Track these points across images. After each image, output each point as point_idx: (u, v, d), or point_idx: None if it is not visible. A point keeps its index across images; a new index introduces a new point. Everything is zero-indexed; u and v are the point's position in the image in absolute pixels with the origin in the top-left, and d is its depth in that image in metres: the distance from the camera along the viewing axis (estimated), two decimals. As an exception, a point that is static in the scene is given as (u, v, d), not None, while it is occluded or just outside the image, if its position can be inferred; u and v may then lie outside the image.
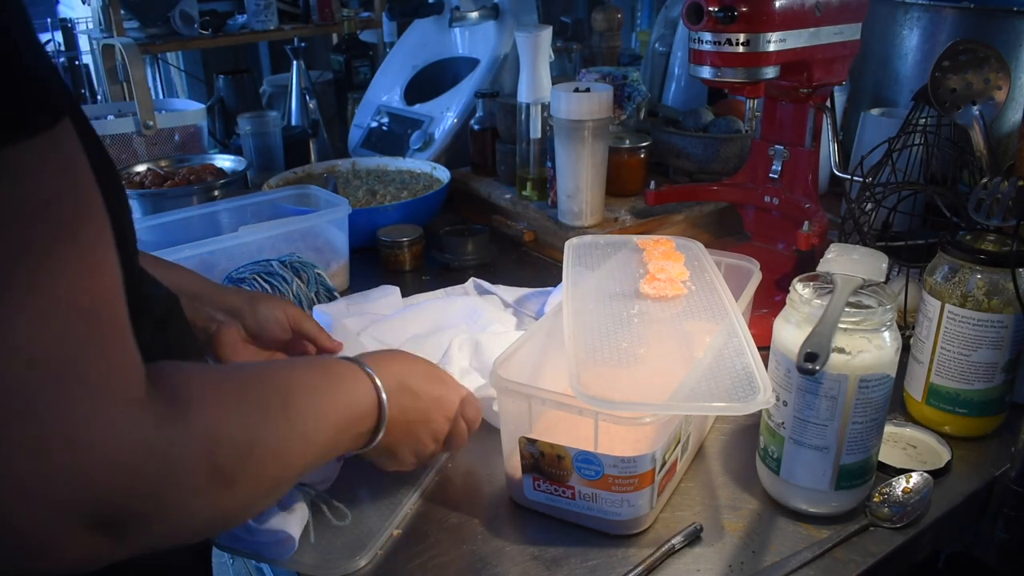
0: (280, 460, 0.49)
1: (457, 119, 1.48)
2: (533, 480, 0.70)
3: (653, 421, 0.65)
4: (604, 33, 1.75)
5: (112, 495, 0.37)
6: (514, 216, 1.32)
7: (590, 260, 0.88)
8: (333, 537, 0.68)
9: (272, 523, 0.65)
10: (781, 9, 0.89)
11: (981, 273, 0.75)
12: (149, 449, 0.39)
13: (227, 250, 1.03)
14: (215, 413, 0.44)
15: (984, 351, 0.76)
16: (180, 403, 0.42)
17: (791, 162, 1.07)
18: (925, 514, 0.71)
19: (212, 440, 0.43)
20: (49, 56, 0.38)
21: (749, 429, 0.83)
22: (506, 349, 0.73)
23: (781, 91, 1.04)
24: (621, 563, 0.66)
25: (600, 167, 1.17)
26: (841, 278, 0.69)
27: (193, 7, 2.08)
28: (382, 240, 1.21)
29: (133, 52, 1.54)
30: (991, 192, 0.79)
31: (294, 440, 0.50)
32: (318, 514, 0.69)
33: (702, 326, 0.75)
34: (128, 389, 0.38)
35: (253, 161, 1.52)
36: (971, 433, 0.80)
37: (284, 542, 0.65)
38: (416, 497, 0.74)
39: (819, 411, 0.66)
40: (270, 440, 0.48)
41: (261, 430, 0.47)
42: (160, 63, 2.76)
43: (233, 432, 0.45)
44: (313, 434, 0.53)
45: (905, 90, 1.30)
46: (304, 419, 0.51)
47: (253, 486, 0.46)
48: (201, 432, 0.42)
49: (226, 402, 0.46)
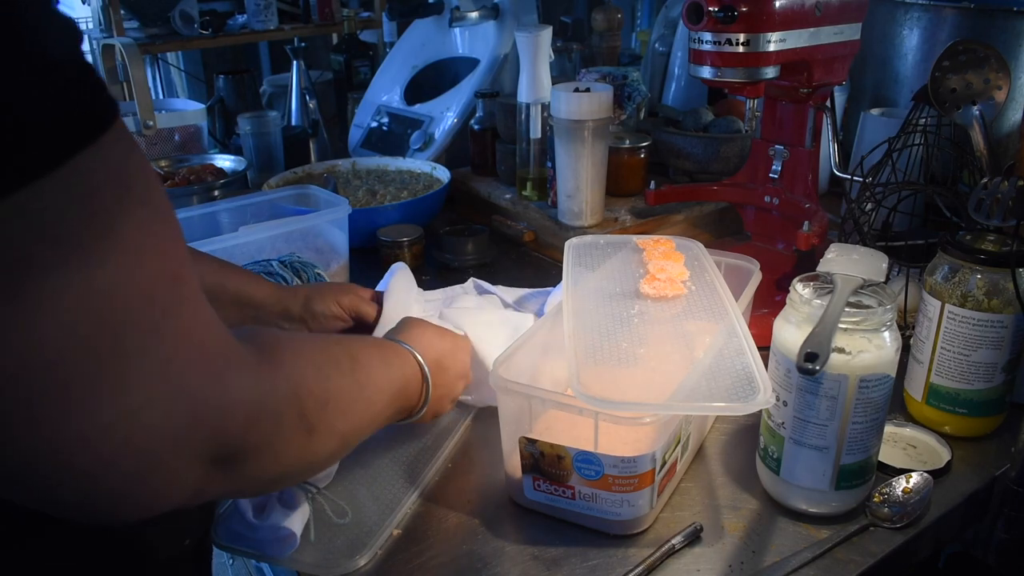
0: (348, 417, 0.55)
1: (457, 119, 1.48)
2: (533, 480, 0.70)
3: (653, 421, 0.65)
4: (604, 33, 1.75)
5: (228, 434, 0.42)
6: (514, 216, 1.32)
7: (590, 260, 0.88)
8: (333, 536, 0.68)
9: (274, 519, 0.65)
10: (781, 9, 0.89)
11: (981, 273, 0.75)
12: (251, 392, 0.44)
13: (227, 250, 1.03)
14: (300, 367, 0.50)
15: (984, 351, 0.76)
16: (270, 356, 0.47)
17: (791, 162, 1.07)
18: (925, 514, 0.71)
19: (298, 390, 0.48)
20: None
21: (749, 429, 0.83)
22: (506, 349, 0.73)
23: (781, 91, 1.04)
24: (621, 563, 0.66)
25: (600, 167, 1.17)
26: (841, 278, 0.69)
27: (193, 7, 2.08)
28: (382, 240, 1.21)
29: (133, 52, 1.54)
30: (991, 192, 0.79)
31: (361, 402, 0.57)
32: (318, 511, 0.69)
33: (702, 326, 0.75)
34: (220, 341, 0.42)
35: (253, 161, 1.52)
36: (971, 433, 0.80)
37: (286, 539, 0.66)
38: (416, 497, 0.74)
39: (819, 411, 0.66)
40: (342, 397, 0.54)
41: (337, 386, 0.53)
42: (160, 63, 2.76)
43: (313, 385, 0.50)
44: (374, 398, 0.59)
45: (905, 90, 1.30)
46: (368, 384, 0.58)
47: (327, 438, 0.52)
48: (289, 382, 0.48)
49: (307, 359, 0.51)
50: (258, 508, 0.66)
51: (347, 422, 0.54)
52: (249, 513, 0.66)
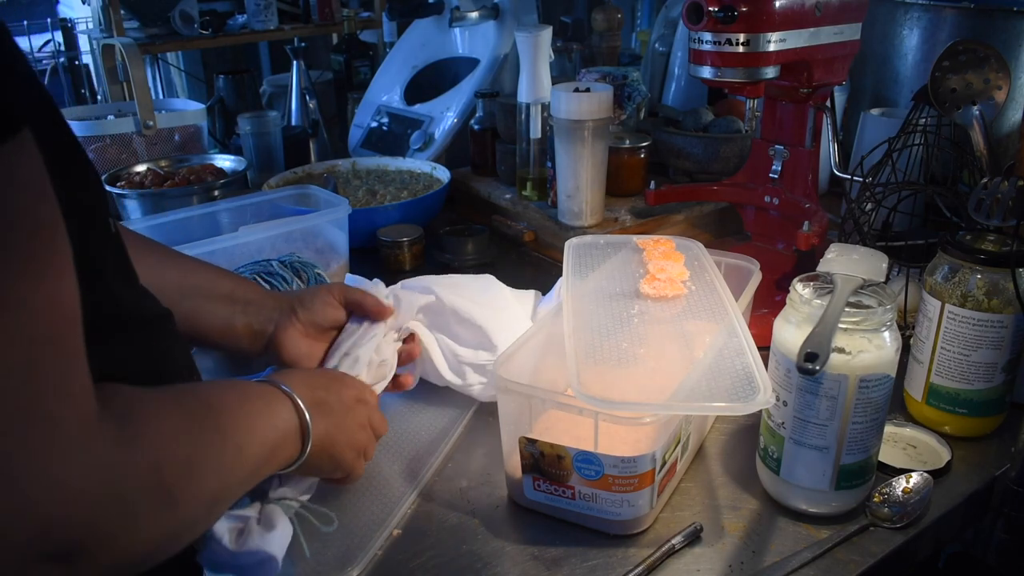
0: (218, 475, 0.49)
1: (457, 119, 1.48)
2: (533, 480, 0.70)
3: (653, 421, 0.65)
4: (604, 33, 1.75)
5: (67, 524, 0.37)
6: (514, 216, 1.32)
7: (590, 260, 0.88)
8: (329, 541, 0.68)
9: (251, 544, 0.62)
10: (781, 9, 0.89)
11: (981, 273, 0.75)
12: (102, 474, 0.39)
13: (227, 250, 1.03)
14: (160, 432, 0.44)
15: (984, 351, 0.76)
16: (128, 425, 0.42)
17: (791, 162, 1.07)
18: (925, 514, 0.71)
19: (158, 460, 0.43)
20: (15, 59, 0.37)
21: (749, 429, 0.83)
22: (506, 349, 0.73)
23: (781, 91, 1.04)
24: (621, 563, 0.66)
25: (600, 167, 1.17)
26: (841, 278, 0.69)
27: (193, 7, 2.08)
28: (382, 240, 1.22)
29: (133, 52, 1.54)
30: (991, 192, 0.79)
31: (228, 454, 0.51)
32: (305, 524, 0.67)
33: (702, 326, 0.75)
34: (81, 415, 0.38)
35: (253, 161, 1.52)
36: (971, 433, 0.80)
37: (266, 563, 0.62)
38: (416, 497, 0.74)
39: (819, 411, 0.66)
40: (208, 455, 0.48)
41: (199, 446, 0.48)
42: (160, 63, 2.76)
43: (175, 450, 0.45)
44: (246, 448, 0.53)
45: (905, 90, 1.30)
46: (236, 433, 0.52)
47: (195, 504, 0.47)
48: (149, 452, 0.42)
49: (167, 421, 0.46)
50: (236, 532, 0.63)
51: (217, 481, 0.49)
52: (225, 539, 0.62)
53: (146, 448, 0.42)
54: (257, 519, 0.64)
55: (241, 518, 0.63)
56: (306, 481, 0.69)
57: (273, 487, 0.66)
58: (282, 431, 0.59)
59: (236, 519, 0.63)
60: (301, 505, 0.67)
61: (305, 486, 0.69)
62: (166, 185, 1.37)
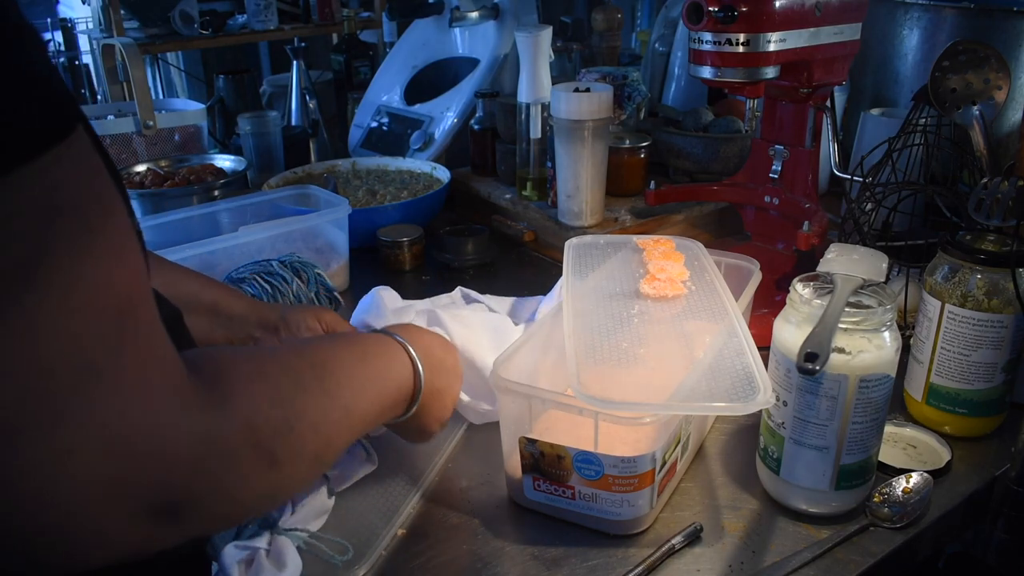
0: (321, 434, 0.50)
1: (457, 119, 1.48)
2: (533, 480, 0.70)
3: (653, 421, 0.65)
4: (604, 33, 1.75)
5: (166, 485, 0.38)
6: (514, 216, 1.32)
7: (590, 260, 0.88)
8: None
9: None
10: (781, 9, 0.89)
11: (981, 273, 0.75)
12: (195, 436, 0.40)
13: (227, 250, 1.03)
14: (253, 394, 0.45)
15: (984, 351, 0.76)
16: (219, 388, 0.43)
17: (791, 162, 1.07)
18: (925, 514, 0.71)
19: (252, 422, 0.44)
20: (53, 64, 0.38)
21: (749, 429, 0.83)
22: (506, 349, 0.73)
23: (781, 91, 1.04)
24: (621, 563, 0.66)
25: (600, 167, 1.17)
26: (841, 278, 0.69)
27: (193, 7, 2.08)
28: (382, 240, 1.22)
29: (133, 52, 1.54)
30: (991, 192, 0.79)
31: (333, 412, 0.52)
32: (316, 554, 0.66)
33: (702, 326, 0.75)
34: (168, 380, 0.39)
35: (253, 161, 1.52)
36: (971, 433, 0.80)
37: None
38: (417, 497, 0.74)
39: (819, 411, 0.66)
40: (309, 415, 0.49)
41: (299, 406, 0.48)
42: (160, 63, 2.76)
43: (271, 412, 0.46)
44: (352, 405, 0.54)
45: (905, 90, 1.30)
46: (342, 391, 0.53)
47: (298, 462, 0.47)
48: (241, 415, 0.43)
49: (263, 382, 0.47)
50: (244, 565, 0.63)
51: (320, 440, 0.50)
52: (235, 573, 0.62)
53: (238, 410, 0.43)
54: (266, 550, 0.64)
55: (251, 549, 0.63)
56: (316, 510, 0.69)
57: (284, 516, 0.66)
58: (392, 398, 0.62)
59: (245, 550, 0.63)
60: (310, 535, 0.67)
61: (316, 514, 0.69)
62: (166, 185, 1.37)
